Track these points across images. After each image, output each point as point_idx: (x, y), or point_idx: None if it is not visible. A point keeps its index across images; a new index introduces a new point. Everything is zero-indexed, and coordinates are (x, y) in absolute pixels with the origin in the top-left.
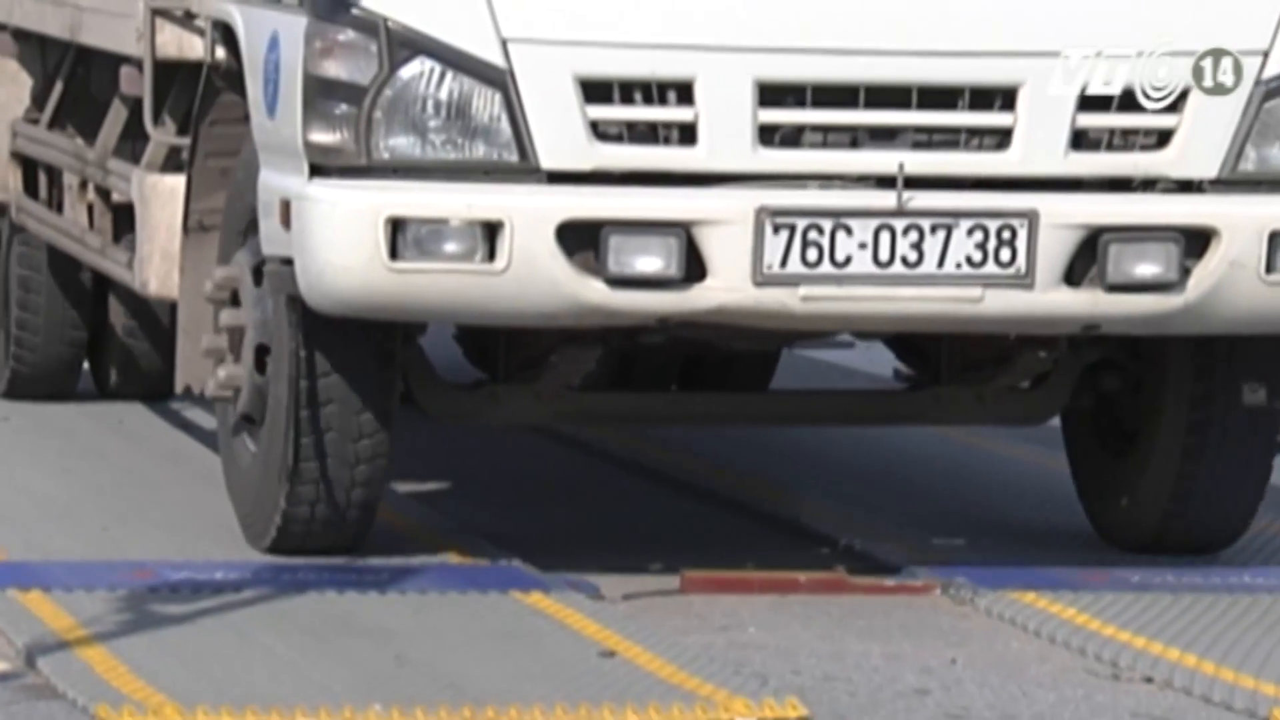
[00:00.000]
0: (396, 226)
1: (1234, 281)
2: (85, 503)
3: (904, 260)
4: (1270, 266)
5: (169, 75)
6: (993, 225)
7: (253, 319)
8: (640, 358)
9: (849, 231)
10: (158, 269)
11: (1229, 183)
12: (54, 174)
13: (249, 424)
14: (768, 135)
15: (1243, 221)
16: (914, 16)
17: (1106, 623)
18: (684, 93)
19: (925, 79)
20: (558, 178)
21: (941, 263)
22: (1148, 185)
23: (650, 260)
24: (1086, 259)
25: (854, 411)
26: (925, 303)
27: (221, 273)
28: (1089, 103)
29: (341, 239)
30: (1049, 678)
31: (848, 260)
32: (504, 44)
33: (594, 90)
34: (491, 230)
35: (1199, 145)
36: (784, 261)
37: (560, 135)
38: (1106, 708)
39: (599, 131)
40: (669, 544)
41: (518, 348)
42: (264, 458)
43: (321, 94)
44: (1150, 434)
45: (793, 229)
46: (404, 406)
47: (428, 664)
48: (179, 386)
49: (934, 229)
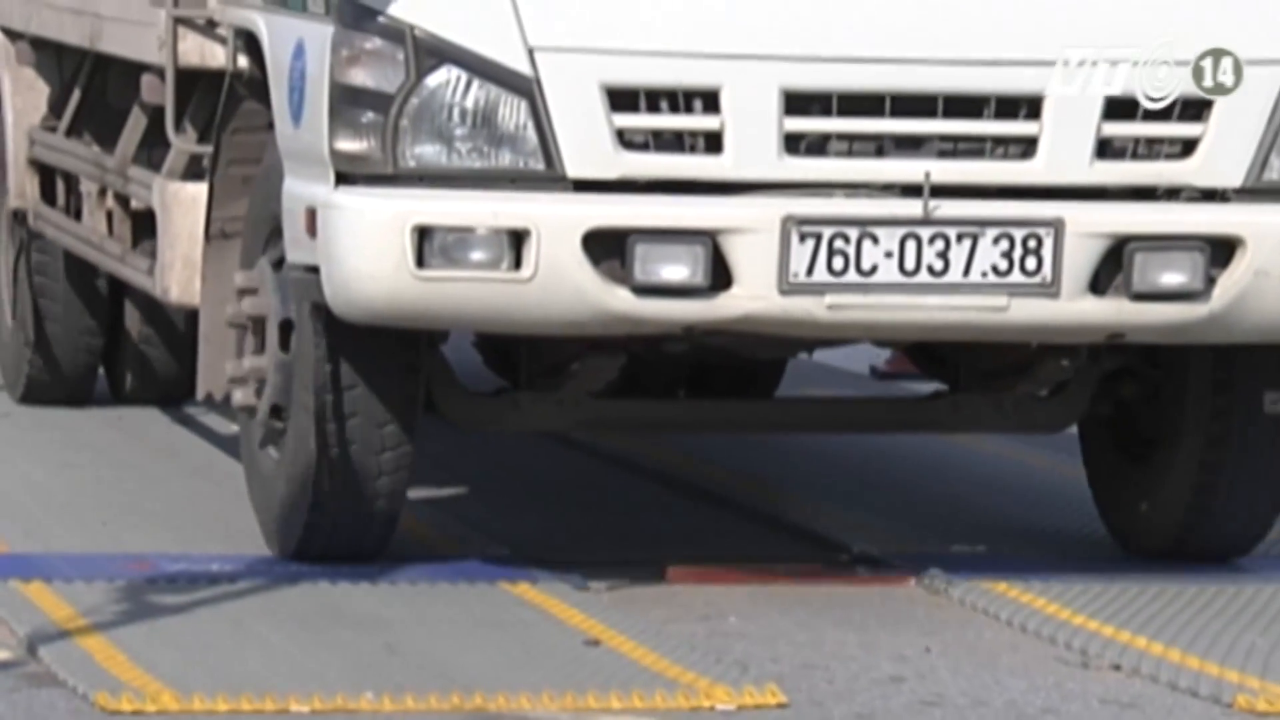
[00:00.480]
0: (423, 235)
1: (1259, 290)
2: (85, 497)
3: (930, 269)
4: None
5: (190, 83)
6: (1019, 234)
7: (274, 302)
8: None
9: (875, 240)
10: (179, 276)
11: (1254, 192)
12: (71, 181)
13: (272, 432)
14: (793, 144)
15: (1268, 230)
16: (940, 25)
17: (1076, 612)
18: (710, 101)
19: (951, 87)
20: (584, 186)
21: (967, 271)
22: (1172, 194)
23: (676, 269)
24: (1111, 268)
25: (873, 419)
26: (951, 311)
27: (242, 277)
28: (1114, 111)
29: (368, 247)
30: (1020, 666)
31: (873, 269)
32: (530, 52)
33: (620, 98)
34: (518, 239)
35: (1224, 154)
36: (810, 270)
37: (586, 143)
38: (1076, 695)
39: (625, 140)
40: (652, 536)
41: (539, 355)
42: (287, 467)
43: (348, 102)
44: (1169, 442)
45: (819, 237)
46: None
47: (418, 652)
48: (200, 394)
49: (960, 238)
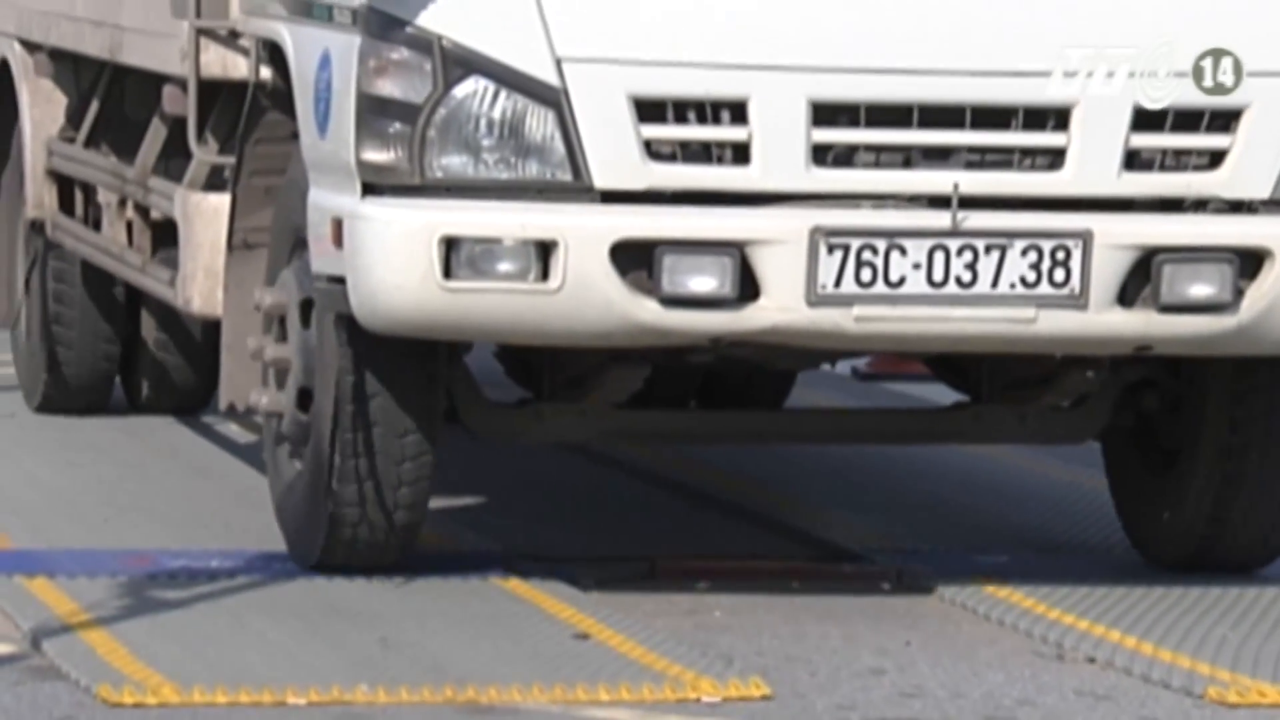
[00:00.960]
0: (450, 246)
1: None
2: (88, 494)
3: (958, 280)
4: None
5: (211, 94)
6: (1047, 245)
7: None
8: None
9: (903, 251)
10: (201, 287)
11: None
12: (90, 192)
13: (294, 443)
14: (821, 155)
15: None
16: (968, 36)
17: (1052, 607)
18: (738, 112)
19: (979, 98)
20: (611, 197)
21: (995, 283)
22: (1199, 206)
23: (704, 280)
24: (1139, 279)
25: (895, 430)
26: (979, 323)
27: (270, 298)
28: (1142, 122)
29: (395, 258)
30: (997, 659)
31: (901, 280)
32: (558, 63)
33: (648, 109)
34: (545, 250)
35: (1252, 165)
36: (838, 281)
37: (614, 154)
38: (1051, 686)
39: (652, 151)
40: (640, 534)
41: (562, 366)
42: (309, 477)
43: (375, 112)
44: (1190, 453)
45: (847, 249)
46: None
47: (412, 646)
48: (223, 404)
49: (988, 249)
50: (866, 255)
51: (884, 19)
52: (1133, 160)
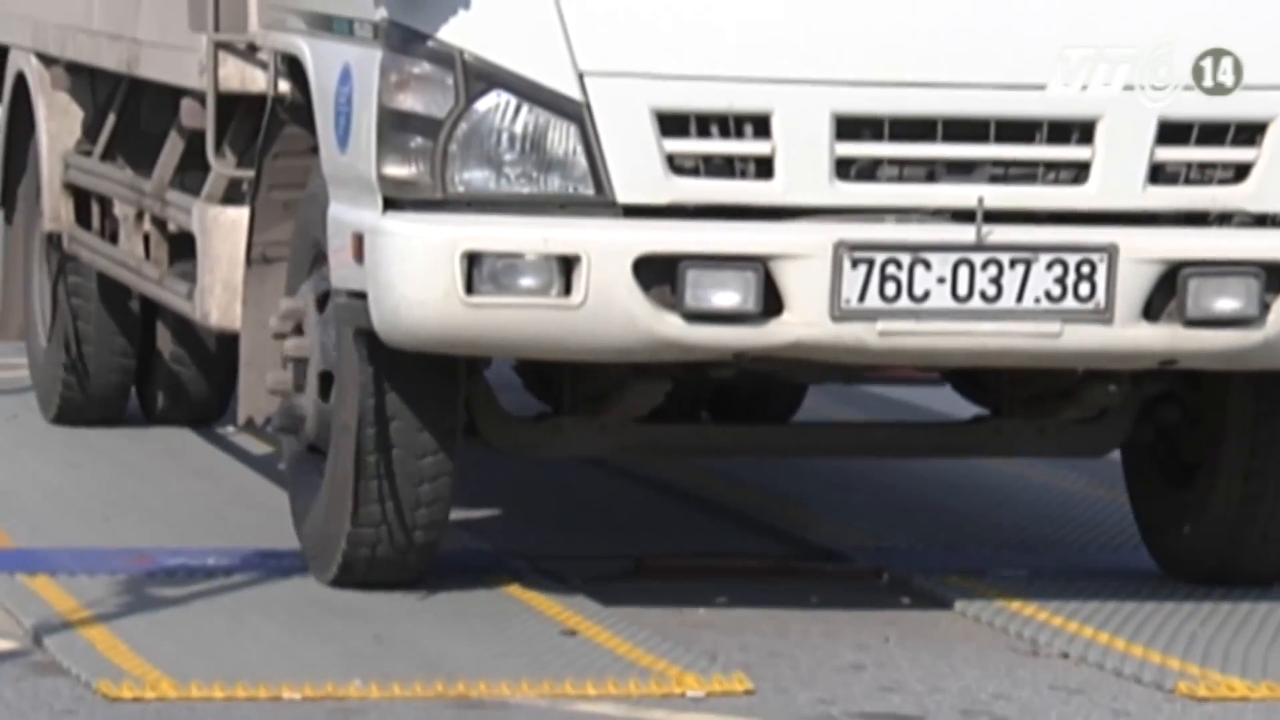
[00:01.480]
0: (472, 260)
1: None
2: (88, 494)
3: (983, 295)
4: None
5: (229, 107)
6: (1072, 260)
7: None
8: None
9: (928, 266)
10: (219, 300)
11: None
12: (106, 205)
13: (314, 458)
14: (844, 169)
15: None
16: (992, 49)
17: (1027, 603)
18: (761, 126)
19: (1003, 112)
20: (634, 211)
21: (1020, 297)
22: (1224, 219)
23: (728, 295)
24: (1165, 294)
25: (916, 444)
26: (1003, 338)
27: (286, 304)
28: (1167, 135)
29: (417, 273)
30: (974, 654)
31: (926, 295)
32: (581, 77)
33: (670, 123)
34: (568, 264)
35: (1277, 179)
36: (862, 296)
37: (636, 169)
38: (1026, 681)
39: (675, 165)
40: (626, 532)
41: (582, 380)
42: (328, 495)
43: (396, 127)
44: (1211, 466)
45: (871, 263)
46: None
47: (404, 642)
48: (241, 419)
49: (1013, 263)
50: (891, 270)
51: (908, 32)
52: (1158, 174)
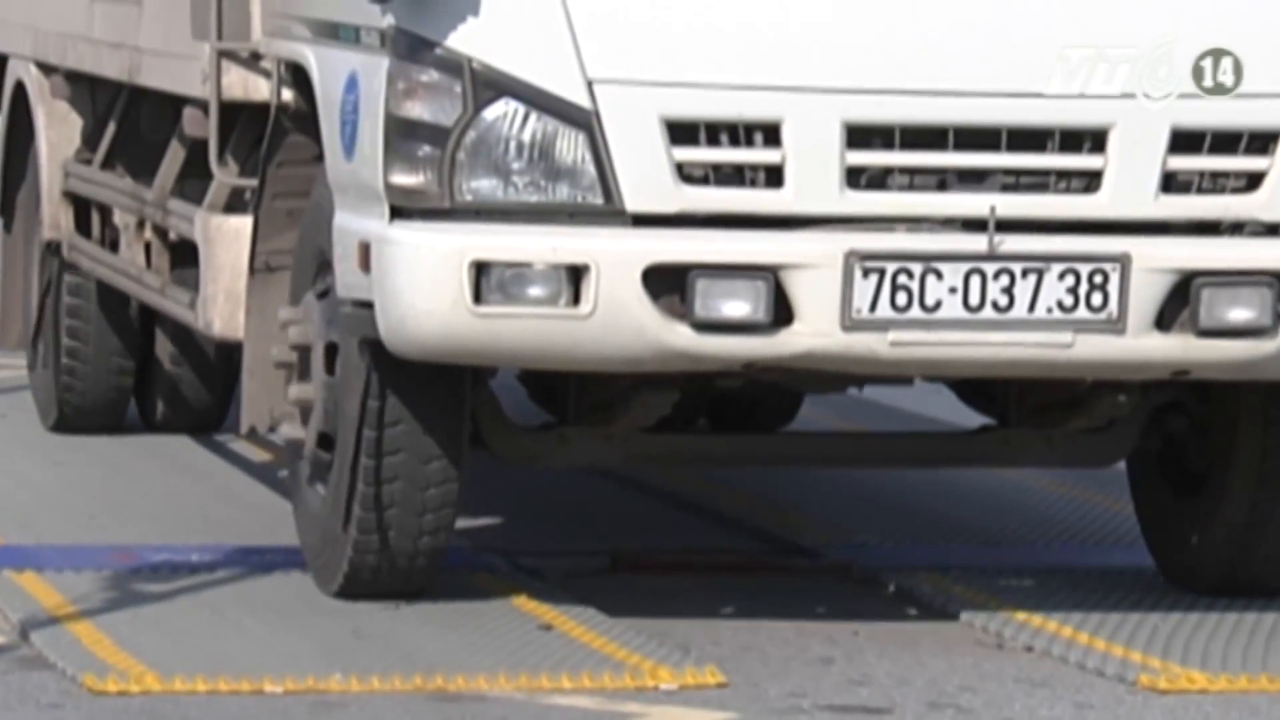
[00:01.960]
0: (480, 270)
1: None
2: (75, 492)
3: (994, 305)
4: None
5: (232, 116)
6: (1084, 269)
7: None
8: None
9: (939, 275)
10: (222, 310)
11: None
12: (106, 213)
13: (319, 469)
14: (855, 177)
15: None
16: (1003, 58)
17: (992, 597)
18: (771, 134)
19: (1015, 121)
20: (643, 220)
21: (1032, 307)
22: (1236, 229)
23: (737, 304)
24: (1177, 304)
25: (922, 453)
26: (1015, 348)
27: (295, 331)
28: (1180, 144)
29: (424, 282)
30: (941, 648)
31: (937, 305)
32: (589, 85)
33: (680, 132)
34: (576, 274)
35: None
36: (873, 306)
37: (645, 177)
38: (991, 674)
39: (684, 174)
40: (601, 529)
41: (588, 390)
42: (332, 504)
43: (403, 135)
44: (1220, 477)
45: (882, 273)
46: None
47: (383, 637)
48: (244, 427)
49: (1025, 273)
50: (902, 279)
51: (919, 40)
52: (1170, 182)
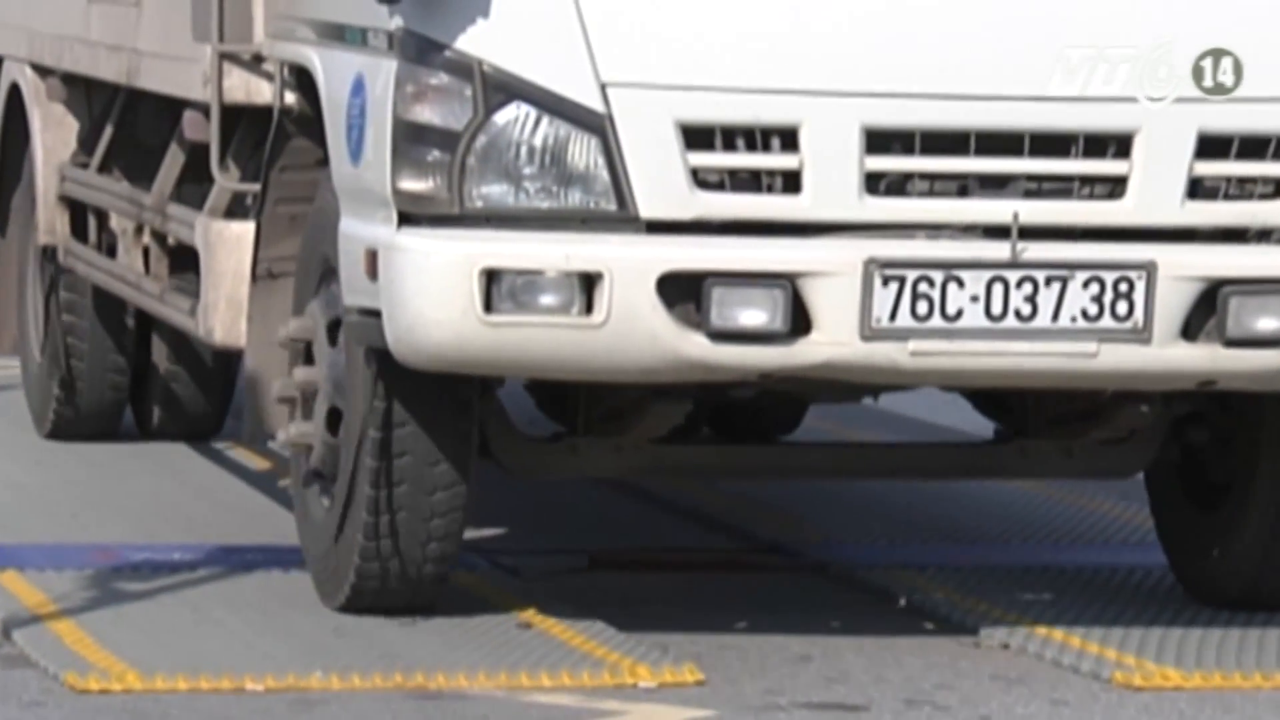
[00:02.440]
0: (491, 278)
1: None
2: (57, 491)
3: (1017, 314)
4: None
5: (233, 119)
6: (1109, 277)
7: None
8: None
9: (961, 284)
10: (223, 317)
11: None
12: (102, 218)
13: (321, 479)
14: (874, 183)
15: None
16: (1026, 60)
17: (968, 595)
18: (788, 139)
19: (1038, 125)
20: (657, 227)
21: (1056, 316)
22: (1263, 236)
23: (754, 313)
24: (1204, 312)
25: (939, 465)
26: (1038, 358)
27: (295, 324)
28: (1206, 149)
29: (434, 291)
30: (918, 645)
31: (959, 313)
32: (603, 88)
33: (695, 136)
34: (589, 282)
35: None
36: (893, 315)
37: (660, 183)
38: (968, 672)
39: (700, 179)
40: (580, 528)
41: (599, 399)
42: (335, 522)
43: (412, 140)
44: (1243, 489)
45: (902, 281)
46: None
47: (363, 635)
48: (245, 436)
49: (1049, 281)
50: (923, 287)
51: (941, 42)
52: (1196, 188)
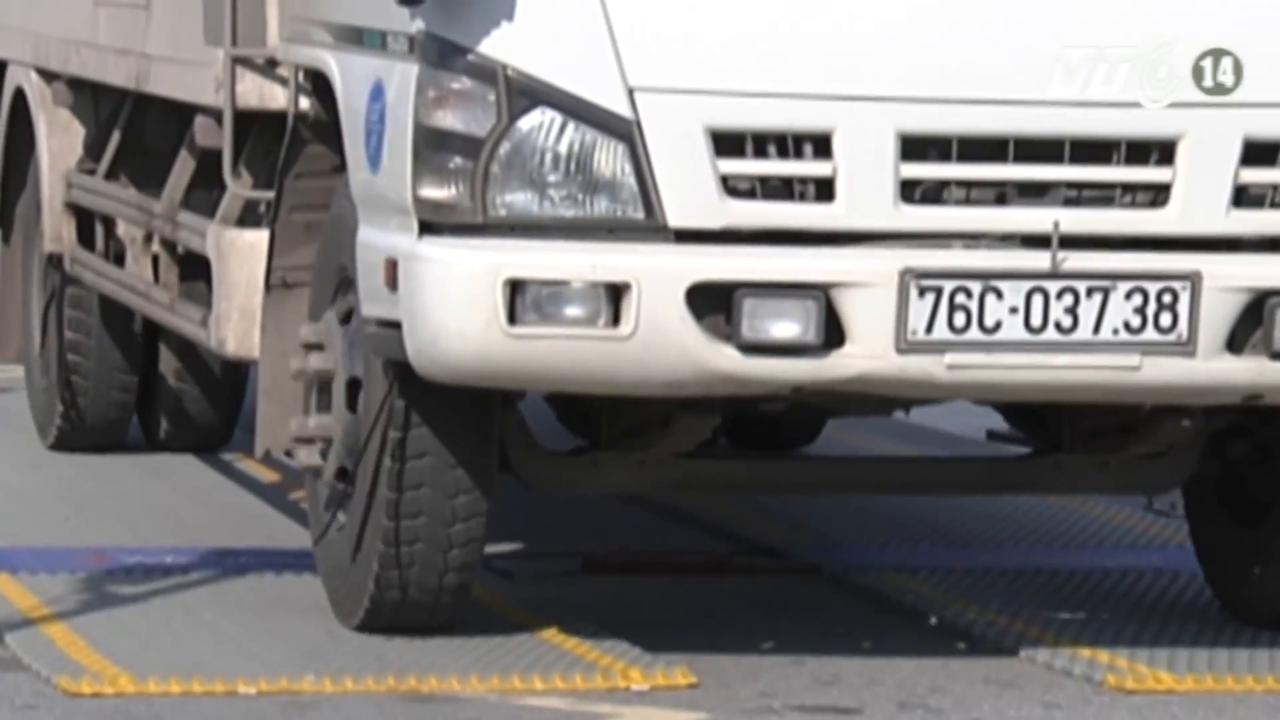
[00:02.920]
0: (515, 288)
1: None
2: (50, 495)
3: (1057, 326)
4: None
5: (245, 125)
6: (1153, 288)
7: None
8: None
9: (999, 295)
10: (236, 328)
11: None
12: (110, 225)
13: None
14: (909, 191)
15: None
16: (1066, 65)
17: (960, 598)
18: (821, 146)
19: (1078, 131)
20: (686, 236)
21: (1097, 328)
22: None
23: (786, 325)
24: (1249, 324)
25: (973, 480)
26: (1079, 371)
27: (308, 330)
28: (1252, 156)
29: (456, 302)
30: (911, 647)
31: (997, 325)
32: (630, 93)
33: (726, 143)
34: (616, 293)
35: None
36: (929, 327)
37: (689, 191)
38: (961, 674)
39: (730, 187)
40: (572, 531)
41: (623, 413)
42: (354, 537)
43: (434, 146)
44: None
45: (939, 292)
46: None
47: (356, 638)
48: (259, 450)
49: (1090, 292)
50: (960, 299)
51: (977, 47)
52: (1242, 196)
